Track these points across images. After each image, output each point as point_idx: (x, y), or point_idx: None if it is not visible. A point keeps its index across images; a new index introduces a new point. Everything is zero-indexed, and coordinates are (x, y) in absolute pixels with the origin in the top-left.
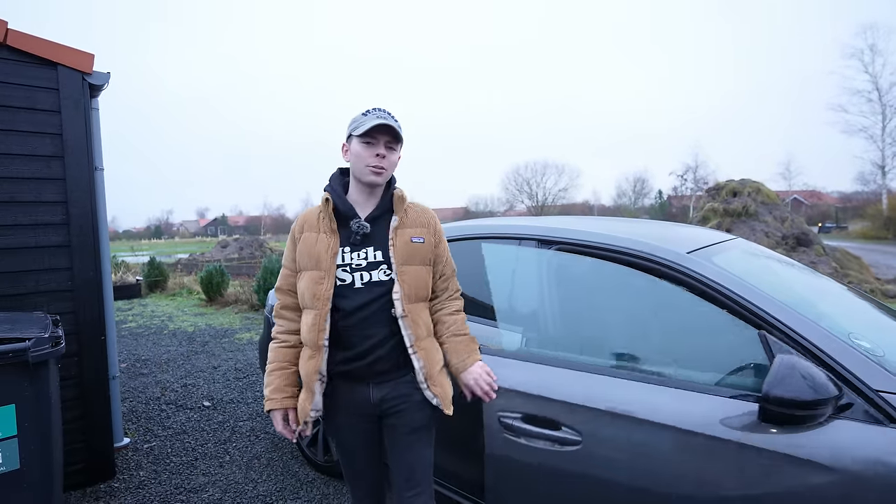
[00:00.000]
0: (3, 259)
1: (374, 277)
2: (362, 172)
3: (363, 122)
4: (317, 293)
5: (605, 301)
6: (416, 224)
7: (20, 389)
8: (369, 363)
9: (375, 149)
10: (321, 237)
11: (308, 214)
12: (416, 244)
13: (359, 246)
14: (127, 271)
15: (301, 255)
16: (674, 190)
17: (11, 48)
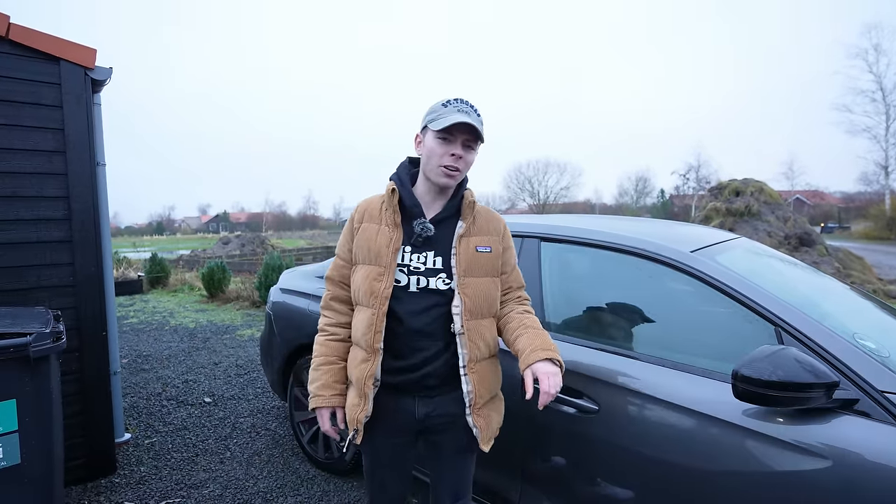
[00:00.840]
0: (5, 254)
1: (430, 285)
2: (434, 172)
3: (442, 114)
4: (374, 290)
5: (611, 293)
6: (484, 231)
7: (21, 384)
8: (419, 377)
9: (452, 147)
10: (383, 230)
11: (370, 203)
12: (483, 254)
13: (420, 248)
14: (129, 267)
15: (359, 247)
16: (676, 189)
17: (14, 42)
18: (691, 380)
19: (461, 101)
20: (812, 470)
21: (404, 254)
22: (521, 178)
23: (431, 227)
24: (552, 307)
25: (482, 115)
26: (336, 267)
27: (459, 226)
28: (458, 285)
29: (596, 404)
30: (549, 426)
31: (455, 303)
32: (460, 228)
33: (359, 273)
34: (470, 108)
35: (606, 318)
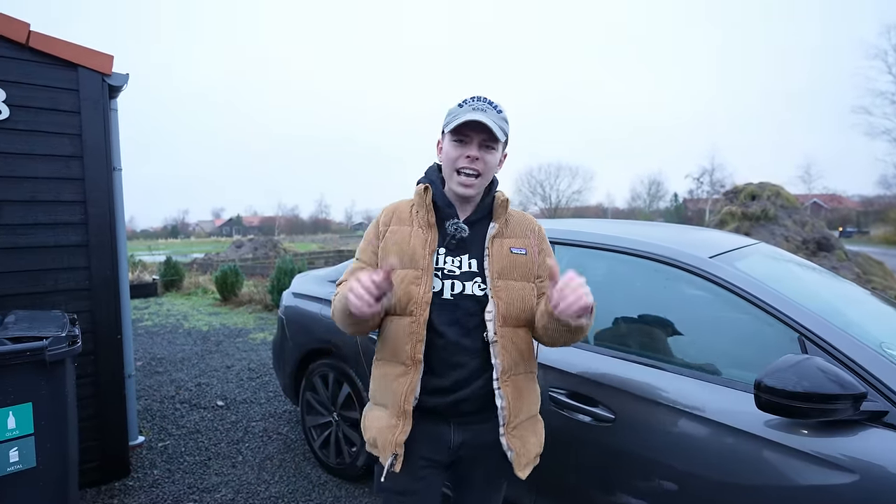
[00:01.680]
0: (23, 258)
1: (467, 289)
2: (450, 178)
3: (457, 115)
4: (413, 295)
5: (627, 299)
6: (518, 234)
7: (37, 388)
8: (453, 402)
9: (467, 148)
10: (416, 231)
11: (398, 206)
12: (517, 255)
13: (454, 251)
14: (144, 270)
15: (389, 250)
16: (689, 193)
17: (34, 50)
18: (710, 388)
19: (478, 98)
20: (838, 484)
21: (439, 256)
22: (532, 182)
23: (466, 227)
24: None
25: (505, 111)
26: (357, 271)
27: (491, 226)
28: (491, 288)
29: (612, 413)
30: (563, 435)
31: (488, 307)
32: (492, 229)
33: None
34: (488, 104)
35: (622, 325)
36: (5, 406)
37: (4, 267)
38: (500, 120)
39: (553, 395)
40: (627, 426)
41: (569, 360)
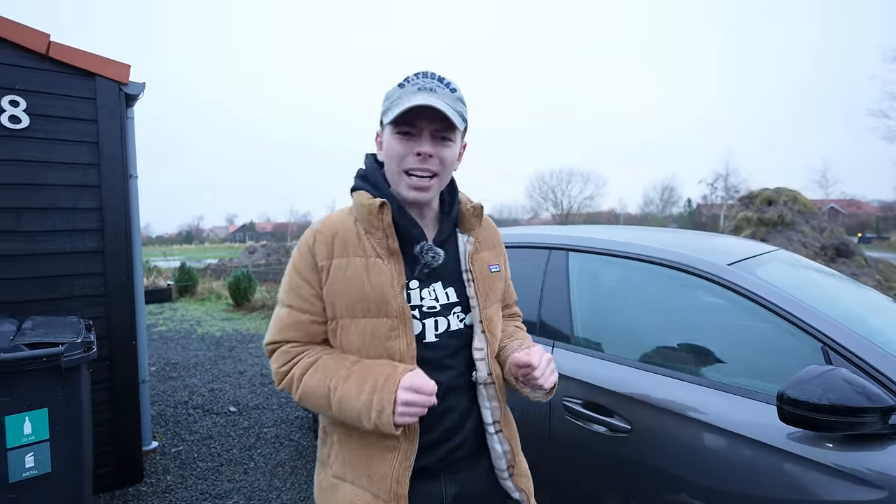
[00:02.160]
0: (41, 264)
1: (452, 325)
2: (397, 181)
3: (398, 98)
4: (394, 353)
5: (644, 307)
6: (489, 245)
7: (53, 393)
8: (446, 453)
9: (415, 143)
10: (374, 264)
11: (336, 226)
12: (494, 274)
13: (426, 281)
14: (159, 276)
15: (341, 293)
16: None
17: (53, 60)
18: (730, 399)
19: (425, 74)
20: (864, 501)
21: (411, 291)
22: (544, 188)
23: (441, 252)
24: (581, 321)
25: (459, 88)
26: (297, 325)
27: (467, 240)
28: (482, 320)
29: (628, 423)
30: (577, 445)
31: (477, 344)
32: (468, 244)
33: (353, 332)
34: (438, 82)
35: (638, 333)
36: (21, 412)
37: (23, 273)
38: (455, 102)
39: (567, 404)
40: (644, 437)
41: (583, 369)
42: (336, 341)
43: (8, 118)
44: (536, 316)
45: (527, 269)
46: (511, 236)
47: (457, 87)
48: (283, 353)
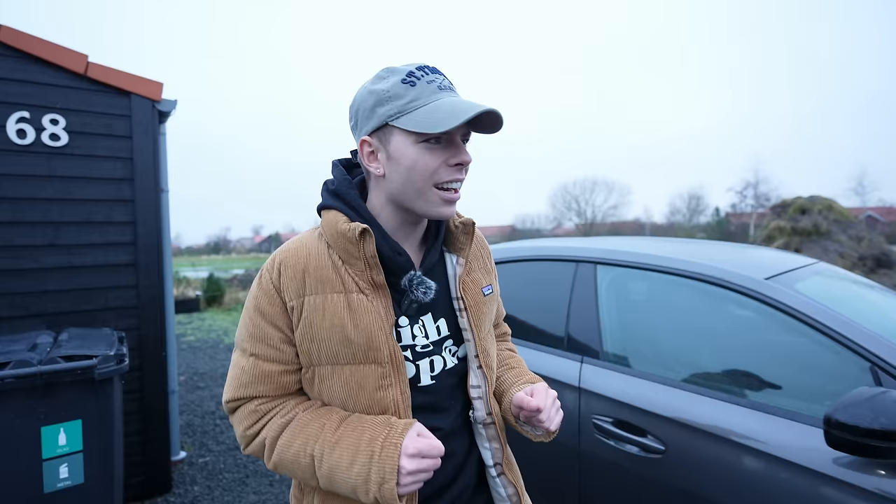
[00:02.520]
0: (78, 276)
1: (448, 364)
2: (426, 198)
3: (414, 99)
4: (387, 405)
5: (676, 322)
6: (480, 264)
7: (86, 405)
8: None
9: (453, 151)
10: (359, 300)
11: (308, 257)
12: (488, 298)
13: (415, 315)
14: (188, 286)
15: (319, 338)
16: (732, 207)
17: (91, 79)
18: (771, 421)
19: (431, 69)
20: None
21: (399, 330)
22: (567, 197)
23: (433, 285)
24: (610, 336)
25: None
26: (264, 377)
27: (456, 262)
28: (478, 353)
29: (662, 444)
30: (608, 465)
31: (473, 381)
32: (458, 266)
33: (335, 381)
34: (445, 77)
35: (672, 349)
36: (57, 423)
37: (61, 285)
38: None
39: (597, 422)
40: (679, 459)
41: (614, 386)
42: (314, 392)
43: (48, 136)
44: (564, 330)
45: (553, 283)
46: (536, 249)
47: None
48: (248, 412)
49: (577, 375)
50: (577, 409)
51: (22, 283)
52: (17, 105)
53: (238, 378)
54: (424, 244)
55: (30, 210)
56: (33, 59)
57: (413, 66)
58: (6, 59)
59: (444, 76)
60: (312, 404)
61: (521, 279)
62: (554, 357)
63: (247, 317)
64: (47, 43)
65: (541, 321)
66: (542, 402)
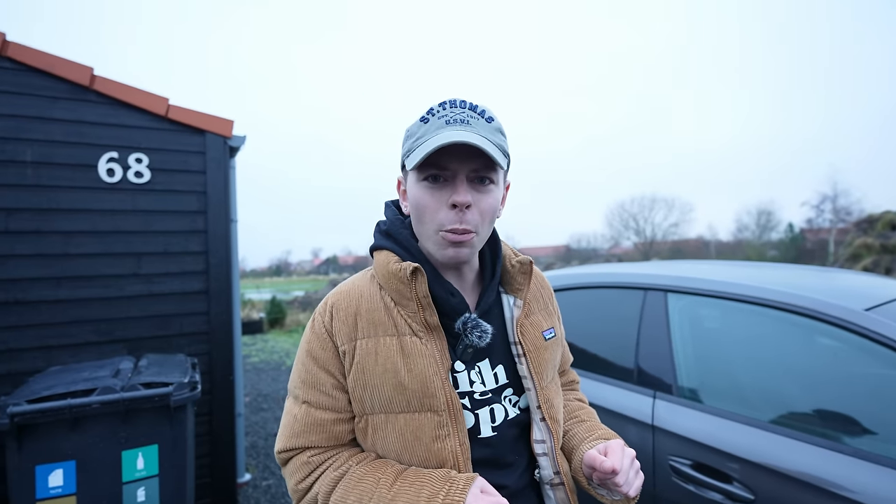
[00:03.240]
0: (156, 304)
1: (509, 413)
2: (427, 238)
3: (423, 136)
4: (444, 457)
5: (762, 356)
6: (541, 305)
7: (162, 430)
8: None
9: (448, 191)
10: (412, 344)
11: (360, 299)
12: (550, 342)
13: (471, 361)
14: (252, 308)
15: (371, 384)
16: (808, 222)
17: (171, 120)
18: (878, 471)
19: (453, 103)
20: None
21: (455, 375)
22: (624, 216)
23: (489, 328)
24: (685, 371)
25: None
26: (316, 426)
27: (514, 303)
28: (540, 404)
29: (750, 493)
30: None
31: (537, 435)
32: (515, 307)
33: (389, 431)
34: (470, 111)
35: (756, 386)
36: (136, 447)
37: (142, 312)
38: (493, 134)
39: (674, 464)
40: None
41: (693, 426)
42: (367, 443)
43: (133, 174)
44: (633, 362)
45: (619, 311)
46: (599, 275)
47: (494, 116)
48: (300, 464)
49: (649, 412)
50: (652, 449)
51: (108, 310)
52: (107, 147)
53: (290, 427)
54: (480, 284)
55: (116, 242)
56: (122, 104)
57: (443, 101)
58: (100, 106)
59: (463, 109)
60: (367, 456)
61: (584, 307)
62: (622, 391)
63: (300, 362)
64: (134, 89)
65: (606, 351)
66: (619, 462)
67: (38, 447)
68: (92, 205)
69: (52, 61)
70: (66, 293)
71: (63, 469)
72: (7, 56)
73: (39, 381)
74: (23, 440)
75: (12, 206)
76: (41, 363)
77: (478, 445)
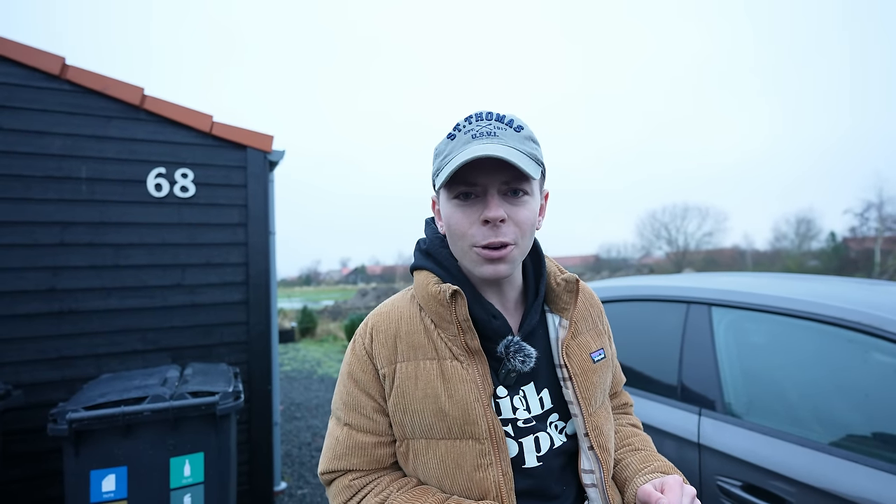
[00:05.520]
0: (199, 314)
1: (555, 442)
2: (463, 255)
3: (448, 153)
4: (487, 487)
5: (815, 373)
6: (589, 324)
7: (208, 438)
8: None
9: (478, 207)
10: (453, 368)
11: (399, 321)
12: (599, 364)
13: (514, 385)
14: (284, 318)
15: (412, 409)
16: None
17: (215, 136)
18: None
19: (479, 116)
20: None
21: (498, 401)
22: (656, 225)
23: (533, 352)
24: (732, 387)
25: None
26: (358, 449)
27: (559, 323)
28: (588, 432)
29: None
30: None
31: (585, 465)
32: (560, 328)
33: (430, 457)
34: (497, 122)
35: (808, 404)
36: (183, 454)
37: (185, 322)
38: (523, 142)
39: (723, 485)
40: None
41: (741, 446)
42: (409, 467)
43: (179, 188)
44: (676, 378)
45: (660, 325)
46: (640, 288)
47: (524, 125)
48: (342, 488)
49: (695, 430)
50: (699, 468)
51: (153, 319)
52: (156, 163)
53: (333, 449)
54: (524, 303)
55: (162, 254)
56: (169, 122)
57: (469, 115)
58: (149, 124)
59: (490, 121)
60: (408, 482)
61: (622, 320)
62: (665, 407)
63: (341, 383)
64: (181, 107)
65: (647, 366)
66: (677, 501)
67: (93, 452)
68: (140, 218)
69: (106, 83)
70: (116, 303)
71: (115, 474)
72: (66, 79)
73: (93, 388)
74: (79, 445)
75: (68, 219)
76: (92, 370)
77: (522, 476)
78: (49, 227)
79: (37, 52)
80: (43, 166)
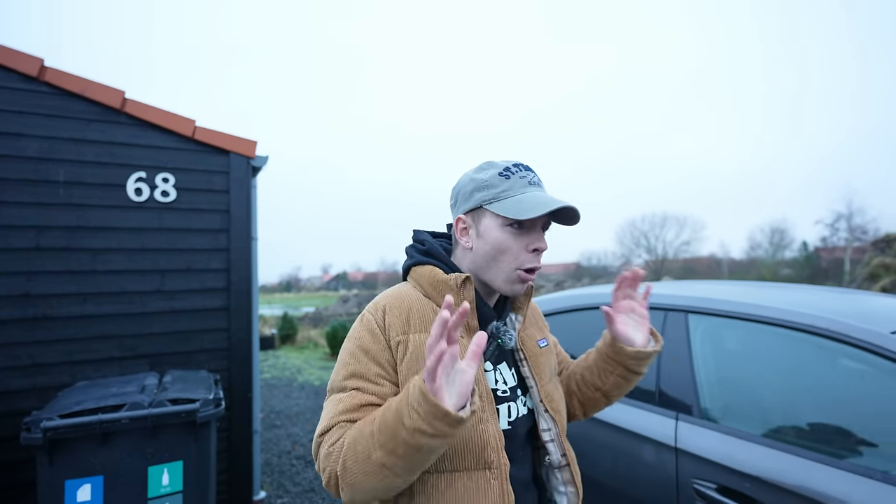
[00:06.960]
0: (178, 320)
1: (520, 412)
2: (498, 273)
3: (510, 190)
4: (489, 438)
5: (788, 378)
6: (533, 322)
7: (187, 447)
8: None
9: (532, 238)
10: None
11: (410, 301)
12: (545, 350)
13: (495, 363)
14: (264, 324)
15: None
16: (822, 241)
17: (197, 141)
18: None
19: (526, 167)
20: None
21: (485, 373)
22: (635, 233)
23: (513, 333)
24: (708, 392)
25: None
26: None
27: (515, 318)
28: (542, 398)
29: None
30: None
31: (543, 425)
32: (517, 322)
33: None
34: (535, 174)
35: (782, 408)
36: (161, 463)
37: (164, 328)
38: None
39: (699, 487)
40: None
41: (716, 449)
42: None
43: (160, 193)
44: (654, 384)
45: None
46: None
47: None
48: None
49: (672, 434)
50: (675, 471)
51: (131, 325)
52: (136, 167)
53: (335, 407)
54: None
55: (141, 259)
56: (150, 126)
57: (510, 162)
58: (129, 128)
59: (534, 173)
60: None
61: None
62: (644, 412)
63: (349, 356)
64: (162, 111)
65: None
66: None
67: (68, 462)
68: (119, 223)
69: (86, 85)
70: (93, 309)
71: (91, 484)
72: (45, 81)
73: (69, 395)
74: (54, 455)
75: (44, 223)
76: (67, 378)
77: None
78: (24, 230)
79: (14, 54)
80: (19, 169)
